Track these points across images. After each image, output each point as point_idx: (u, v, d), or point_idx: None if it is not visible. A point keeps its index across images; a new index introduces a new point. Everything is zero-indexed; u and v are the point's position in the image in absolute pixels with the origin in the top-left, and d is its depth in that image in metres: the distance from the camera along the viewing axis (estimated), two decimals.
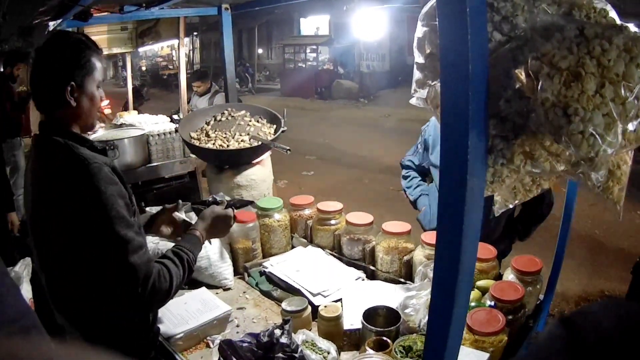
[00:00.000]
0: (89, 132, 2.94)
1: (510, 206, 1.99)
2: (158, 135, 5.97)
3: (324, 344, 2.70)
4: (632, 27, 1.59)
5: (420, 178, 4.55)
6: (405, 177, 4.60)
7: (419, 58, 2.08)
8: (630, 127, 1.48)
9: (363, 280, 3.51)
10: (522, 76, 1.47)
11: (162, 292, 2.36)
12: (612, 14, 1.84)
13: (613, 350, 0.94)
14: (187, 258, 2.58)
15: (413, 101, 2.22)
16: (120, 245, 2.26)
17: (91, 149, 2.47)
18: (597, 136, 1.40)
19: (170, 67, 39.07)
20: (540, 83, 1.43)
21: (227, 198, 3.24)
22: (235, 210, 3.12)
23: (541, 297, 3.24)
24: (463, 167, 1.35)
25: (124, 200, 2.35)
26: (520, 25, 1.66)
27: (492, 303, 2.79)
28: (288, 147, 4.08)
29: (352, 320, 2.94)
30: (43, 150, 2.45)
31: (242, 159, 4.35)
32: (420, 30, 2.04)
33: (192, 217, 3.39)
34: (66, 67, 2.38)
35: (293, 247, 4.08)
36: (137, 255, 2.29)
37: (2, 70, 9.15)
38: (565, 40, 1.47)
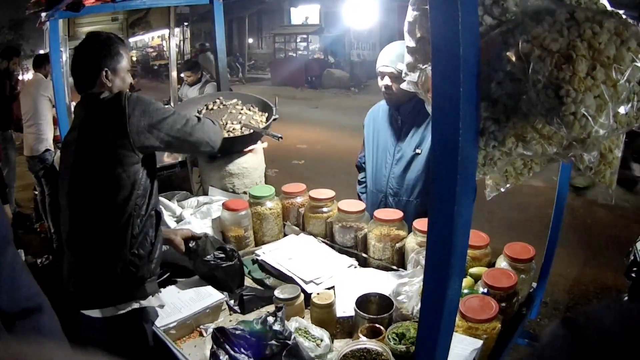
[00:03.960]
0: None
1: (502, 190, 1.99)
2: None
3: (317, 331, 2.71)
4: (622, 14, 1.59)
5: None
6: (360, 182, 4.59)
7: (409, 42, 2.08)
8: (622, 110, 1.48)
9: (355, 267, 3.50)
10: (513, 59, 1.47)
11: (214, 129, 3.37)
12: (603, 0, 1.84)
13: (615, 351, 0.94)
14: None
15: (404, 85, 2.22)
16: (174, 115, 3.07)
17: None
18: (588, 117, 1.40)
19: (162, 56, 38.92)
20: (531, 65, 1.43)
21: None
22: None
23: (534, 284, 3.25)
24: (454, 150, 1.35)
25: None
26: (511, 9, 1.65)
27: (485, 290, 2.79)
28: (280, 135, 4.07)
29: (345, 308, 2.94)
30: (89, 105, 3.04)
31: (234, 147, 4.34)
32: (411, 15, 2.03)
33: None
34: (101, 56, 3.06)
35: (285, 235, 4.08)
36: (191, 120, 3.16)
37: None
38: (556, 23, 1.47)
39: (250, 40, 39.38)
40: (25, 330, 1.51)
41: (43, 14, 4.85)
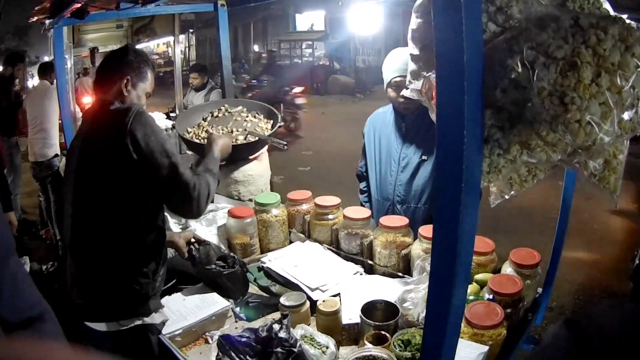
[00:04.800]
0: None
1: (506, 197, 1.99)
2: None
3: (323, 338, 2.70)
4: (625, 18, 1.59)
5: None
6: (362, 192, 4.56)
7: (413, 50, 2.08)
8: (626, 116, 1.48)
9: (361, 274, 3.50)
10: (518, 66, 1.46)
11: (205, 197, 2.94)
12: (606, 5, 1.83)
13: (617, 352, 0.93)
14: (215, 171, 3.27)
15: (407, 93, 2.22)
16: (173, 165, 2.80)
17: None
18: (594, 124, 1.40)
19: (167, 64, 38.97)
20: (536, 72, 1.42)
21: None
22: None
23: (539, 290, 3.24)
24: (459, 158, 1.34)
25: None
26: (515, 16, 1.65)
27: (491, 296, 2.79)
28: (284, 142, 4.09)
29: (351, 315, 2.94)
30: (100, 115, 3.00)
31: (239, 154, 4.34)
32: (414, 22, 2.03)
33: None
34: (128, 66, 3.09)
35: (291, 242, 4.08)
36: (187, 172, 2.87)
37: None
38: (561, 30, 1.46)
39: (256, 47, 39.42)
40: (27, 338, 1.51)
41: (47, 21, 4.87)
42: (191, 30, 40.81)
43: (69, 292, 3.02)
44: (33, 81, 17.97)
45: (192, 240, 3.49)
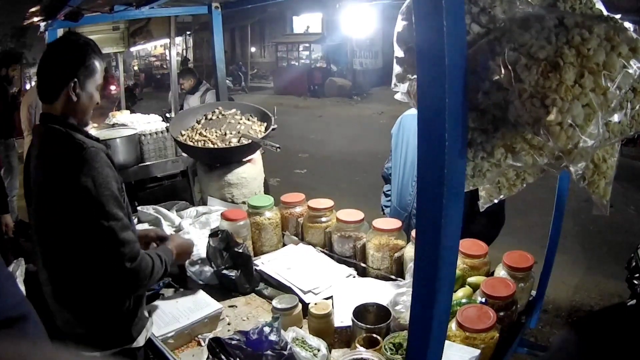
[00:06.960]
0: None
1: (495, 201, 1.98)
2: (150, 134, 5.96)
3: (314, 341, 2.70)
4: (619, 18, 1.57)
5: None
6: (386, 195, 4.55)
7: (398, 52, 2.07)
8: (615, 118, 1.46)
9: (354, 277, 3.50)
10: (500, 68, 1.45)
11: (143, 273, 2.62)
12: (599, 5, 1.82)
13: (621, 354, 0.94)
14: (166, 261, 2.85)
15: (398, 96, 2.21)
16: (112, 222, 2.50)
17: (87, 137, 2.71)
18: (576, 127, 1.37)
19: (165, 66, 39.00)
20: (517, 74, 1.41)
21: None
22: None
23: (534, 293, 3.23)
24: (441, 161, 1.33)
25: (117, 184, 2.62)
26: (499, 17, 1.63)
27: (483, 299, 2.78)
28: (278, 145, 4.08)
29: (343, 318, 2.93)
30: (45, 138, 2.69)
31: (232, 157, 4.35)
32: (400, 24, 2.03)
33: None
34: (73, 65, 2.65)
35: (284, 244, 4.08)
36: (126, 233, 2.55)
37: None
38: (544, 30, 1.44)
39: (253, 49, 39.56)
40: (10, 338, 1.51)
41: (42, 24, 4.87)
42: (188, 33, 40.84)
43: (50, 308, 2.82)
44: (31, 83, 17.98)
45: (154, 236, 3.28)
